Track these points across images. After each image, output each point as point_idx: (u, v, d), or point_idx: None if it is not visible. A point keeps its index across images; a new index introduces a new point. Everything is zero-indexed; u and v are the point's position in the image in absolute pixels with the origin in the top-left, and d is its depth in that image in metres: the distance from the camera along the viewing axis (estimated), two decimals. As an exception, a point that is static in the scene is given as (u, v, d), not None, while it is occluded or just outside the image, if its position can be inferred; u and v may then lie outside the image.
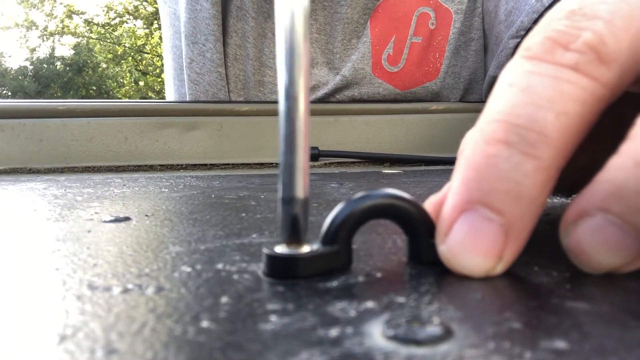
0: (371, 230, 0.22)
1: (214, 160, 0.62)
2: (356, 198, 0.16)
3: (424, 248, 0.17)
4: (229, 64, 0.70)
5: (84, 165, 0.59)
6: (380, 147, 0.66)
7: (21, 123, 0.58)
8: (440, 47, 0.71)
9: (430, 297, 0.14)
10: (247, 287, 0.15)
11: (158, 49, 12.31)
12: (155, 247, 0.20)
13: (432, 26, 0.70)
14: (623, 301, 0.13)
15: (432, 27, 0.70)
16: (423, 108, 0.68)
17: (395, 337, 0.11)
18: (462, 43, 0.72)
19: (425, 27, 0.70)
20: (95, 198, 0.34)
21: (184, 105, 0.64)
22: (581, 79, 0.16)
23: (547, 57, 0.16)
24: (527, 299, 0.14)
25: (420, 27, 0.70)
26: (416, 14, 0.70)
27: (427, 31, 0.70)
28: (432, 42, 0.71)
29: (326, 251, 0.16)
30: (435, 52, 0.71)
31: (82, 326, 0.12)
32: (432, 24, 0.70)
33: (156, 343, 0.11)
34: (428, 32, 0.70)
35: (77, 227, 0.24)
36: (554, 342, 0.11)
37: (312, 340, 0.11)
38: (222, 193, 0.36)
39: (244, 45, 0.70)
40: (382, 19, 0.70)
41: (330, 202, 0.31)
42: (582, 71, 0.16)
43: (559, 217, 0.23)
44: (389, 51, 0.70)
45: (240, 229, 0.23)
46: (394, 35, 0.70)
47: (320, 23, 0.71)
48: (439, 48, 0.71)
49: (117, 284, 0.15)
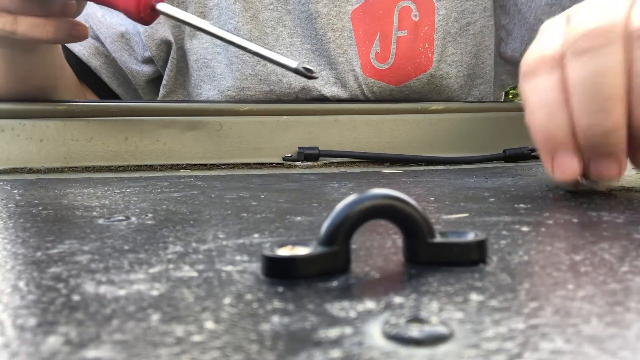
0: (371, 230, 0.22)
1: (214, 160, 0.62)
2: (354, 199, 0.16)
3: (422, 248, 0.17)
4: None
5: (84, 165, 0.59)
6: (380, 147, 0.66)
7: (21, 123, 0.58)
8: (428, 37, 0.71)
9: (430, 297, 0.14)
10: (247, 287, 0.15)
11: (158, 49, 12.28)
12: (155, 247, 0.20)
13: (415, 18, 0.70)
14: (623, 301, 0.13)
15: (415, 19, 0.70)
16: (423, 108, 0.68)
17: (395, 337, 0.11)
18: (458, 30, 0.71)
19: (409, 20, 0.70)
20: (95, 198, 0.34)
21: (184, 105, 0.64)
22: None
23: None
24: (526, 299, 0.14)
25: (403, 20, 0.70)
26: (397, 8, 0.70)
27: (412, 23, 0.70)
28: (419, 34, 0.70)
29: (324, 252, 0.16)
30: (424, 42, 0.70)
31: (82, 326, 0.12)
32: (415, 16, 0.70)
33: (156, 343, 0.11)
34: (412, 24, 0.70)
35: (77, 227, 0.24)
36: (554, 342, 0.11)
37: (312, 340, 0.11)
38: (222, 193, 0.36)
39: (215, 87, 0.71)
40: (364, 20, 0.70)
41: (330, 202, 0.31)
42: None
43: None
44: (376, 49, 0.70)
45: (240, 229, 0.23)
46: (378, 33, 0.70)
47: (289, 27, 0.71)
48: (427, 38, 0.71)
49: (117, 284, 0.15)
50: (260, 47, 0.48)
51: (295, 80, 0.70)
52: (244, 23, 0.69)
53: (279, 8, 0.70)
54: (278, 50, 0.70)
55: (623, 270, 0.16)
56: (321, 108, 0.67)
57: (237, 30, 0.69)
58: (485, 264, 0.17)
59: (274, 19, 0.71)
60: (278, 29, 0.71)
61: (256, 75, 0.71)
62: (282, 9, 0.71)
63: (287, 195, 0.34)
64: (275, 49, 0.70)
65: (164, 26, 0.71)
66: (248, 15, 0.70)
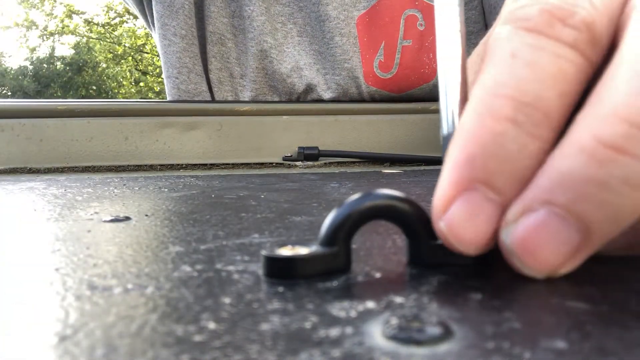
0: (371, 230, 0.22)
1: (214, 160, 0.62)
2: (355, 199, 0.16)
3: (425, 250, 0.16)
4: (215, 88, 0.70)
5: (84, 165, 0.59)
6: (380, 147, 0.66)
7: (21, 123, 0.58)
8: (433, 47, 0.70)
9: (430, 297, 0.14)
10: (247, 287, 0.15)
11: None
12: (155, 247, 0.20)
13: (421, 27, 0.70)
14: (623, 301, 0.13)
15: (421, 28, 0.70)
16: (423, 108, 0.68)
17: (395, 337, 0.11)
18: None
19: (414, 29, 0.70)
20: (95, 198, 0.34)
21: (184, 105, 0.64)
22: (579, 58, 0.15)
23: (548, 31, 0.16)
24: (527, 299, 0.14)
25: (409, 29, 0.70)
26: (403, 17, 0.70)
27: (417, 33, 0.70)
28: (424, 44, 0.70)
29: (325, 252, 0.16)
30: (429, 52, 0.70)
31: (82, 326, 0.12)
32: (421, 25, 0.70)
33: (156, 343, 0.11)
34: (418, 33, 0.70)
35: (77, 227, 0.24)
36: (554, 342, 0.11)
37: (312, 340, 0.11)
38: (222, 193, 0.36)
39: (226, 67, 0.70)
40: (370, 27, 0.70)
41: (330, 202, 0.31)
42: (579, 50, 0.15)
43: None
44: (380, 58, 0.69)
45: (240, 229, 0.23)
46: (383, 42, 0.69)
47: (299, 25, 0.70)
48: (432, 48, 0.70)
49: (117, 284, 0.15)
50: None
51: (299, 81, 0.70)
52: (259, 14, 0.69)
53: (291, 4, 0.70)
54: (286, 48, 0.70)
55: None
56: (321, 108, 0.67)
57: (250, 20, 0.69)
58: (485, 265, 0.17)
59: (285, 15, 0.70)
60: (288, 26, 0.70)
61: (263, 69, 0.71)
62: (295, 5, 0.70)
63: (287, 195, 0.34)
64: (283, 47, 0.70)
65: None
66: (264, 6, 0.69)
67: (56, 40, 13.25)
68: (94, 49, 13.16)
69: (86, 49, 13.13)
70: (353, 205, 0.16)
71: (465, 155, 0.15)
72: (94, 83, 13.05)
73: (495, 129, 0.15)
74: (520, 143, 0.15)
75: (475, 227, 0.15)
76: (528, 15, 0.16)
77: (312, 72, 0.70)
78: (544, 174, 0.14)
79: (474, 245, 0.15)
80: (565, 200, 0.14)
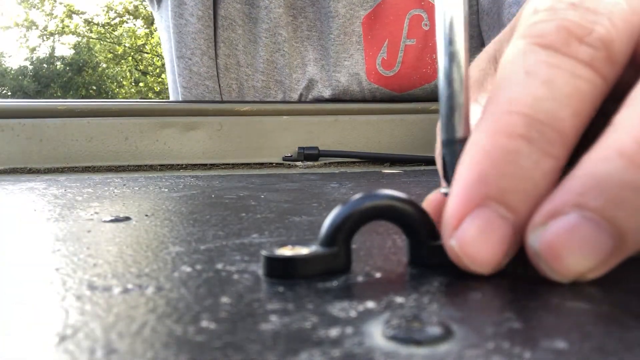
0: (371, 230, 0.22)
1: (214, 160, 0.62)
2: (355, 199, 0.16)
3: (425, 251, 0.16)
4: (221, 74, 0.70)
5: (84, 165, 0.59)
6: (380, 147, 0.66)
7: (21, 123, 0.58)
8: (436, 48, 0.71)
9: (430, 297, 0.14)
10: (247, 287, 0.15)
11: (158, 49, 12.31)
12: (155, 247, 0.20)
13: (425, 27, 0.70)
14: (623, 301, 0.13)
15: (426, 28, 0.70)
16: (423, 108, 0.68)
17: (395, 337, 0.11)
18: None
19: (419, 28, 0.70)
20: (95, 198, 0.34)
21: (184, 105, 0.64)
22: (595, 77, 0.15)
23: (564, 49, 0.15)
24: (527, 299, 0.14)
25: (413, 29, 0.70)
26: (408, 16, 0.70)
27: (421, 32, 0.70)
28: (428, 43, 0.70)
29: (325, 253, 0.16)
30: (432, 53, 0.70)
31: (82, 326, 0.12)
32: (426, 25, 0.70)
33: (156, 343, 0.11)
34: (422, 33, 0.70)
35: (77, 227, 0.24)
36: (554, 342, 0.11)
37: (312, 340, 0.11)
38: (222, 193, 0.36)
39: (234, 54, 0.70)
40: (374, 25, 0.70)
41: (330, 202, 0.31)
42: (596, 68, 0.15)
43: None
44: (383, 55, 0.69)
45: (240, 229, 0.23)
46: (386, 40, 0.70)
47: (310, 20, 0.70)
48: (435, 49, 0.71)
49: (117, 284, 0.15)
50: None
51: (303, 77, 0.70)
52: (277, 6, 0.69)
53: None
54: (294, 42, 0.70)
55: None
56: (321, 108, 0.67)
57: (267, 10, 0.69)
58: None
59: (298, 8, 0.70)
60: (299, 19, 0.70)
61: (273, 62, 0.70)
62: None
63: (287, 195, 0.34)
64: (292, 41, 0.70)
65: None
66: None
67: (56, 41, 13.25)
68: (94, 49, 13.15)
69: (86, 49, 13.13)
70: (353, 206, 0.16)
71: (477, 173, 0.15)
72: (94, 83, 13.05)
73: (508, 146, 0.14)
74: (533, 160, 0.14)
75: (488, 245, 0.14)
76: (545, 32, 0.16)
77: (316, 67, 0.70)
78: (575, 177, 0.14)
79: (487, 265, 0.15)
80: (598, 204, 0.13)
